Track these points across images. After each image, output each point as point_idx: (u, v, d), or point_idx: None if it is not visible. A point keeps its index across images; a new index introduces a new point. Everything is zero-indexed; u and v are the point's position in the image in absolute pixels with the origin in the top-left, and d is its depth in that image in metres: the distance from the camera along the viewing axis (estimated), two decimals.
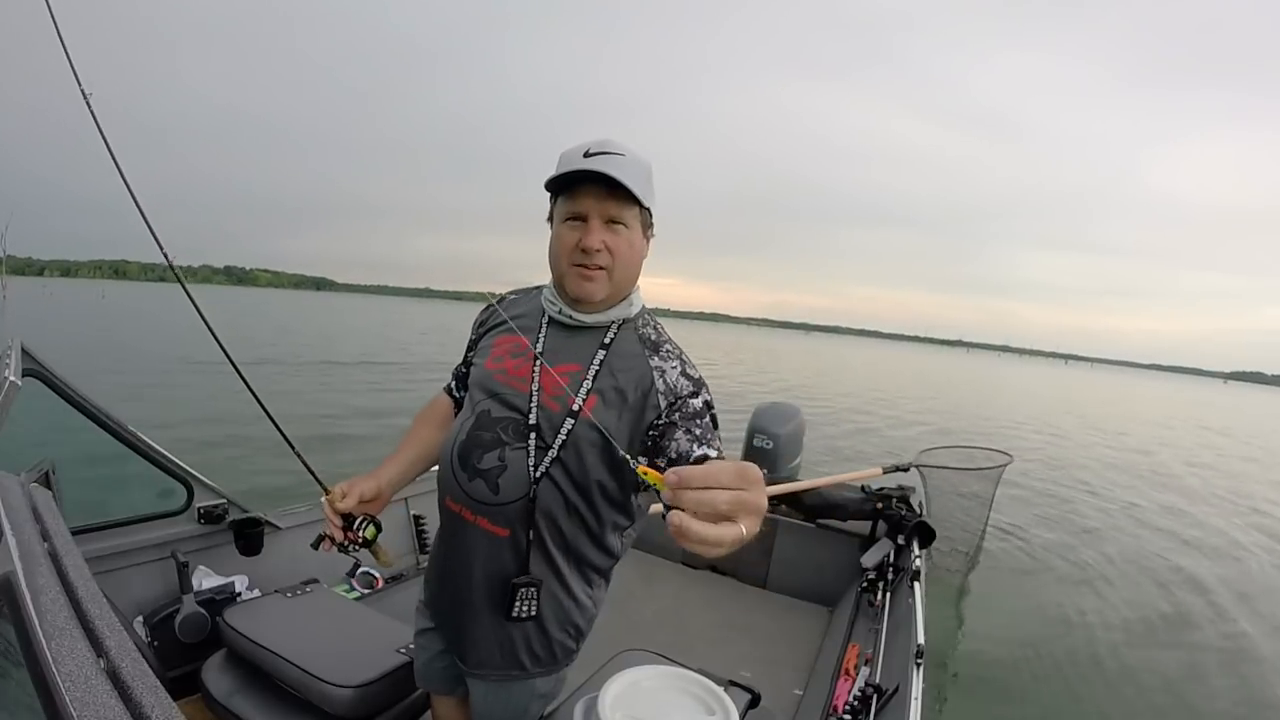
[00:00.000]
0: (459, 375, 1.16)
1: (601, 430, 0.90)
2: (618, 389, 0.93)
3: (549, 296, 1.00)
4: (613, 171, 0.86)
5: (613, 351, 0.96)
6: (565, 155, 0.91)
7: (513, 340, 1.02)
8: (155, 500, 1.80)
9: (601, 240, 0.90)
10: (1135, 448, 12.99)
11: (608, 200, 0.89)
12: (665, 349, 0.98)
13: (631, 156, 0.89)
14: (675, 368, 0.95)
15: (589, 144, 0.90)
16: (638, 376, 0.94)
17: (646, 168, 0.92)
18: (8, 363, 1.29)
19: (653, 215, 0.96)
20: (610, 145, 0.90)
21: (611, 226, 0.91)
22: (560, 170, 0.90)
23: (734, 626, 2.45)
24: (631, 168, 0.88)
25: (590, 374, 0.94)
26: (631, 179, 0.87)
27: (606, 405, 0.92)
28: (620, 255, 0.92)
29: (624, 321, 0.99)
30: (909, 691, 1.44)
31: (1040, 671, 3.30)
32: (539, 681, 1.03)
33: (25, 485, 1.06)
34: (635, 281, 0.99)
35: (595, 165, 0.87)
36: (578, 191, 0.90)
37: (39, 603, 0.67)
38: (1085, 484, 8.34)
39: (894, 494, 2.78)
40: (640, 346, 0.97)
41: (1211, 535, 6.39)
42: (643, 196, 0.90)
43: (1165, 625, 4.10)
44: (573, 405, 0.93)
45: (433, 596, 1.09)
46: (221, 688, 1.49)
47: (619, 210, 0.90)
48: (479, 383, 1.03)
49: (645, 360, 0.95)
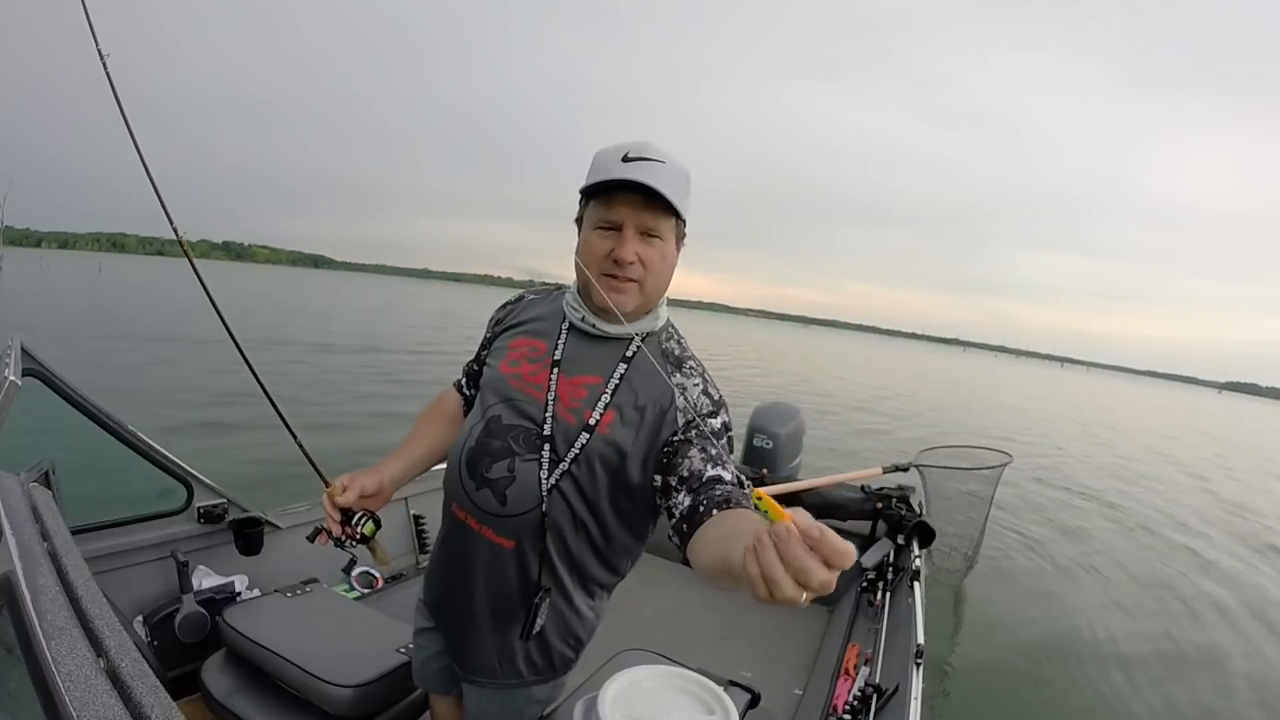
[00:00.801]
0: (470, 373, 1.13)
1: (620, 448, 0.88)
2: (637, 406, 0.90)
3: (572, 302, 0.96)
4: (653, 182, 0.82)
5: (634, 366, 0.93)
6: (601, 157, 0.87)
7: (530, 343, 0.99)
8: (155, 500, 1.79)
9: (635, 252, 0.86)
10: (1149, 457, 12.99)
11: (645, 211, 0.85)
12: (688, 366, 0.95)
13: (672, 164, 0.85)
14: (697, 385, 0.92)
15: (627, 146, 0.86)
16: (658, 394, 0.91)
17: (686, 175, 0.88)
18: (8, 362, 1.29)
19: (686, 225, 0.92)
20: (650, 150, 0.85)
21: (646, 238, 0.87)
22: (597, 175, 0.86)
23: (734, 626, 2.45)
24: (671, 176, 0.84)
25: (610, 388, 0.91)
26: (671, 189, 0.83)
27: (624, 422, 0.90)
28: (653, 268, 0.88)
29: (648, 335, 0.95)
30: (909, 691, 1.44)
31: (1040, 671, 3.30)
32: (536, 689, 1.02)
33: (25, 485, 1.06)
34: (664, 293, 0.95)
35: (634, 173, 0.82)
36: (614, 199, 0.85)
37: (39, 602, 0.67)
38: (1087, 488, 8.34)
39: (894, 494, 2.78)
40: (663, 362, 0.94)
41: (1226, 556, 6.34)
42: (681, 208, 0.86)
43: (1167, 627, 4.11)
44: (589, 420, 0.90)
45: (433, 598, 1.09)
46: (221, 687, 1.49)
47: (655, 222, 0.86)
48: (492, 385, 0.99)
49: (666, 378, 0.91)
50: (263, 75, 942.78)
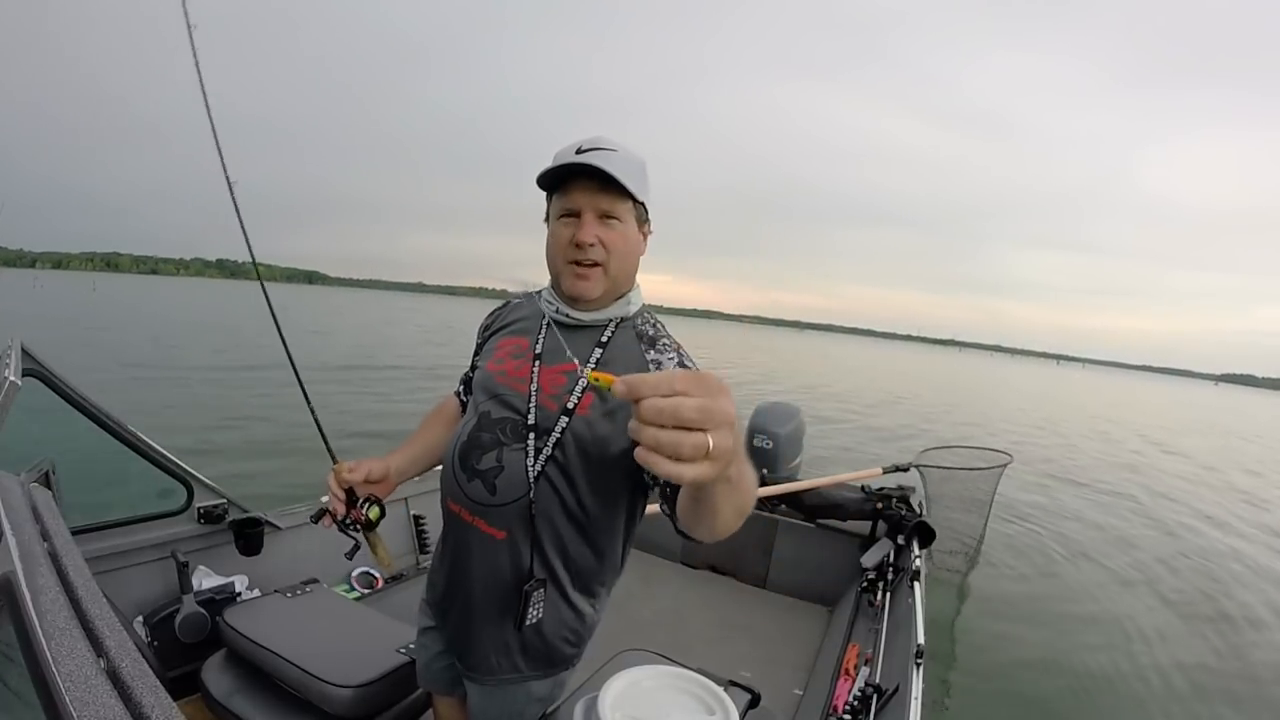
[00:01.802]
0: (466, 380, 1.16)
1: (598, 429, 0.90)
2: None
3: (547, 297, 1.01)
4: (603, 165, 0.86)
5: (609, 348, 0.96)
6: (559, 153, 0.91)
7: (514, 342, 1.03)
8: (155, 500, 1.80)
9: (595, 235, 0.90)
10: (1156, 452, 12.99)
11: (600, 195, 0.89)
12: (662, 343, 0.98)
13: (624, 152, 0.90)
14: (672, 359, 0.95)
15: (581, 141, 0.90)
16: (634, 372, 0.94)
17: (640, 163, 0.92)
18: (8, 363, 1.29)
19: (648, 211, 0.96)
20: (602, 141, 0.90)
21: (605, 221, 0.90)
22: (552, 165, 0.90)
23: (734, 626, 2.45)
24: (623, 162, 0.88)
25: (586, 372, 0.95)
26: (623, 173, 0.87)
27: (603, 403, 0.92)
28: (615, 250, 0.92)
29: (622, 320, 0.99)
30: (909, 691, 1.44)
31: (1041, 671, 3.30)
32: (535, 685, 1.03)
33: (25, 485, 1.06)
34: (633, 278, 0.99)
35: (586, 159, 0.87)
36: (570, 187, 0.90)
37: (39, 603, 0.67)
38: (1090, 486, 8.34)
39: (894, 494, 2.78)
40: (637, 343, 0.97)
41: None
42: (636, 191, 0.90)
43: (1169, 627, 4.11)
44: (568, 404, 0.93)
45: (435, 596, 1.09)
46: (221, 688, 1.49)
47: (612, 204, 0.90)
48: (481, 384, 1.03)
49: (641, 354, 0.95)
50: (255, 90, 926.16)
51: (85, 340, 13.24)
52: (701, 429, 0.46)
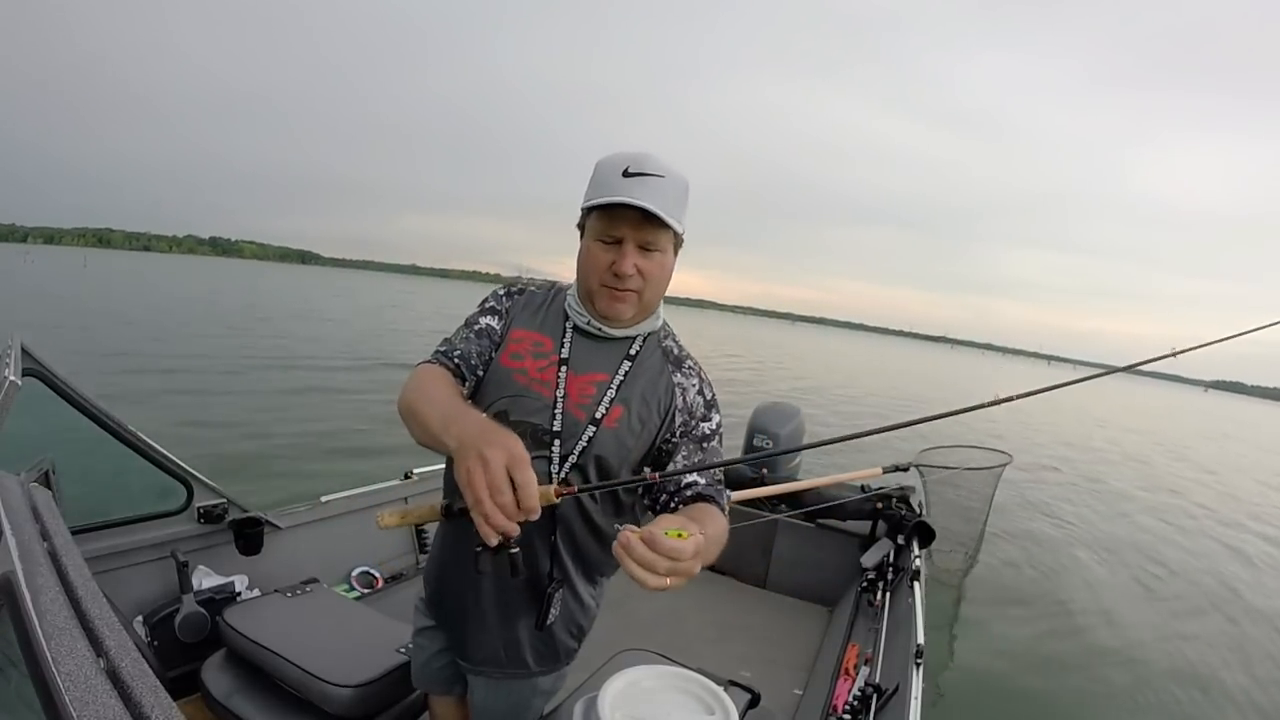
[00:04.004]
0: (463, 354, 0.97)
1: (624, 441, 0.93)
2: (640, 401, 0.95)
3: (574, 305, 0.98)
4: (651, 204, 0.84)
5: (638, 363, 0.97)
6: (602, 170, 0.89)
7: (534, 338, 0.99)
8: (155, 500, 1.79)
9: (635, 265, 0.89)
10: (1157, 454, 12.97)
11: (644, 226, 0.87)
12: (687, 365, 1.00)
13: (671, 177, 0.88)
14: (694, 385, 0.98)
15: (627, 159, 0.87)
16: (661, 391, 0.97)
17: (685, 186, 0.90)
18: (8, 362, 1.29)
19: (684, 231, 0.94)
20: (649, 164, 0.86)
21: (645, 251, 0.90)
22: (598, 191, 0.88)
23: (733, 626, 2.44)
24: (670, 190, 0.87)
25: (615, 384, 0.96)
26: (669, 206, 0.86)
27: (629, 416, 0.94)
28: (651, 279, 0.92)
29: (648, 335, 1.00)
30: (909, 691, 1.44)
31: (1040, 671, 3.30)
32: (541, 680, 1.04)
33: (25, 485, 1.06)
34: (661, 299, 0.98)
35: (634, 191, 0.84)
36: (615, 214, 0.87)
37: (39, 603, 0.67)
38: (1090, 486, 8.34)
39: (894, 494, 2.78)
40: (664, 361, 0.99)
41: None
42: (677, 223, 0.89)
43: (1169, 626, 4.11)
44: (596, 414, 0.93)
45: (434, 596, 1.09)
46: (221, 687, 1.49)
47: (654, 237, 0.89)
48: (496, 380, 0.97)
49: (669, 375, 0.98)
50: (252, 69, 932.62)
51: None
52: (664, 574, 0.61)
